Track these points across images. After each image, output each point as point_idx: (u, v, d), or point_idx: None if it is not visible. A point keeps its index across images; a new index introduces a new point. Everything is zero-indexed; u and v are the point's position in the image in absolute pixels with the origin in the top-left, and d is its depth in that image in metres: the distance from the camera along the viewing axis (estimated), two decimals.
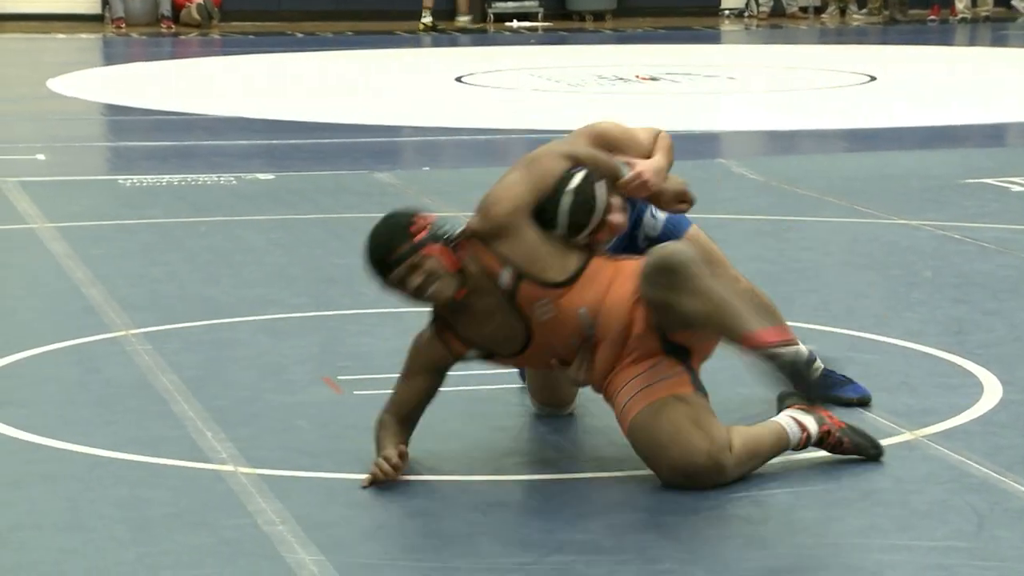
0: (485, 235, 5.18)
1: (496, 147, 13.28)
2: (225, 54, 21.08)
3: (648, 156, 5.43)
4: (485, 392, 5.95)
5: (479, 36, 23.86)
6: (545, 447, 5.55)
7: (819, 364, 5.63)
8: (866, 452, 5.21)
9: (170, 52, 21.50)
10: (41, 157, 11.80)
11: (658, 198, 5.45)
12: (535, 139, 13.38)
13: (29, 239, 8.78)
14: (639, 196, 5.42)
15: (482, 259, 5.15)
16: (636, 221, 5.62)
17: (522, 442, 5.61)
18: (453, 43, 22.87)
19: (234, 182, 10.65)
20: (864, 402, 5.74)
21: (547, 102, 15.94)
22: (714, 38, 24.35)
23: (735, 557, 4.56)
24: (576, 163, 5.31)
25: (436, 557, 4.58)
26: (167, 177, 10.76)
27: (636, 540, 4.68)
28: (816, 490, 5.06)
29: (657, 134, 5.52)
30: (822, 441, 5.17)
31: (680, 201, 5.47)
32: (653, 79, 17.63)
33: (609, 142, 5.45)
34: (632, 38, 23.47)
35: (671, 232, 5.64)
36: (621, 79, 17.60)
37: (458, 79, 17.71)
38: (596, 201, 5.22)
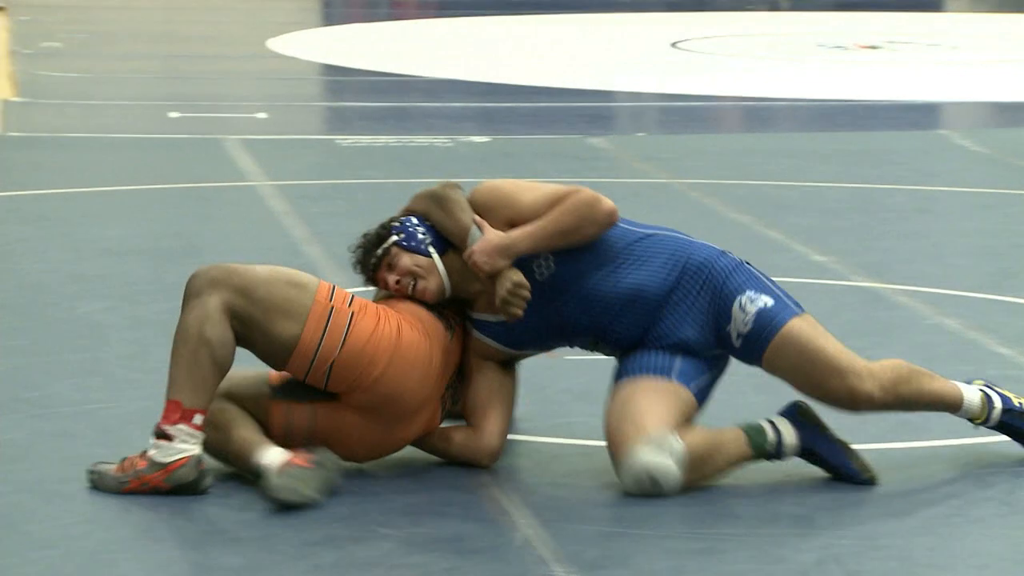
0: None
1: (711, 114, 13.20)
2: (441, 16, 21.19)
3: (531, 219, 4.78)
4: None
5: (697, 1, 23.71)
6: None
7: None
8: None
9: (387, 14, 21.68)
10: (262, 115, 11.96)
11: (497, 282, 4.76)
12: (750, 106, 13.33)
13: (250, 196, 8.90)
14: (479, 274, 4.77)
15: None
16: (725, 314, 4.80)
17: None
18: (670, 8, 22.75)
19: (450, 144, 10.71)
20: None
21: (764, 70, 15.80)
22: (937, 5, 23.94)
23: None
24: (407, 213, 4.95)
25: (651, 524, 4.58)
26: (383, 138, 10.86)
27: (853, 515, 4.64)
28: None
29: (563, 196, 4.77)
30: None
31: (506, 300, 4.74)
32: (873, 47, 17.40)
33: (481, 204, 4.84)
34: (853, 5, 23.16)
35: (761, 330, 4.74)
36: (840, 47, 17.40)
37: (674, 44, 17.62)
38: (371, 253, 4.91)
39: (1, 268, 7.13)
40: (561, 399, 5.66)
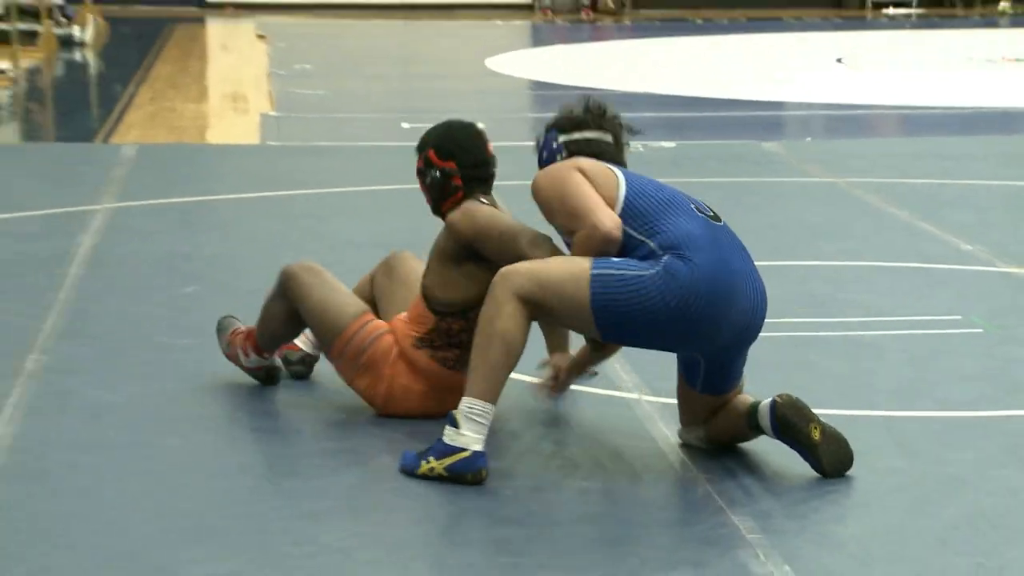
0: None
1: (871, 121, 13.02)
2: (635, 38, 21.15)
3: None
4: None
5: (858, 21, 23.38)
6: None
7: None
8: None
9: (588, 36, 21.67)
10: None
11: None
12: (906, 114, 13.13)
13: None
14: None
15: None
16: None
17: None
18: (835, 28, 22.46)
19: (641, 149, 10.70)
20: None
21: (918, 81, 15.55)
22: None
23: None
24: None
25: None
26: None
27: None
28: None
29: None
30: None
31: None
32: (1018, 60, 17.03)
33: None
34: (1000, 23, 22.66)
35: None
36: (988, 60, 17.05)
37: (839, 60, 17.41)
38: None
39: (262, 258, 7.27)
40: None
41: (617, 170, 4.73)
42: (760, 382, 5.45)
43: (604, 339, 4.60)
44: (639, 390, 5.37)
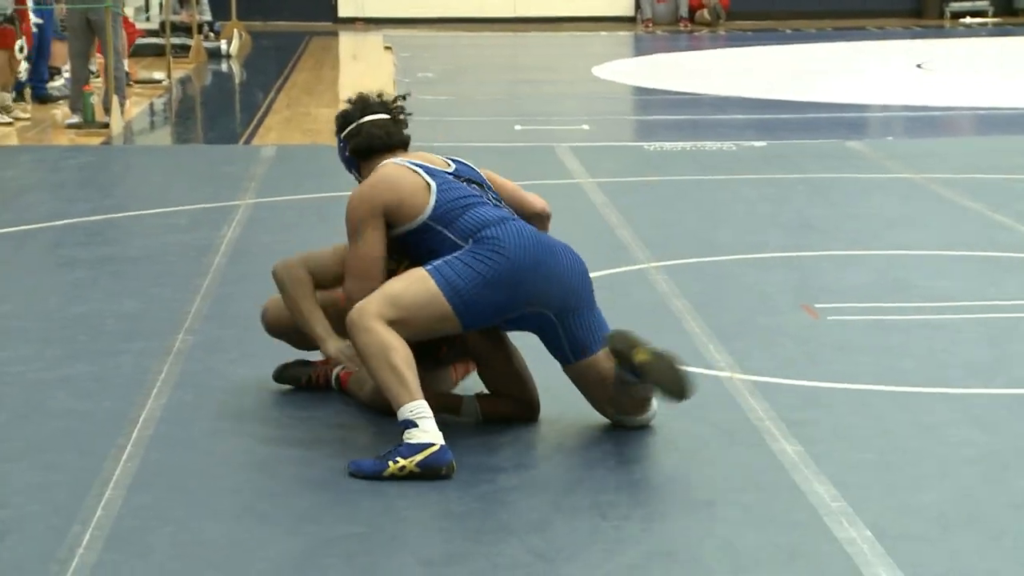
0: None
1: (946, 122, 12.81)
2: (729, 47, 20.97)
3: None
4: None
5: (937, 30, 23.02)
6: None
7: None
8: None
9: (686, 45, 21.51)
10: (586, 127, 12.01)
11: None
12: (981, 115, 12.90)
13: (576, 191, 8.95)
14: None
15: None
16: None
17: None
18: (915, 36, 22.13)
19: (734, 148, 10.61)
20: None
21: (993, 85, 15.27)
22: None
23: None
24: None
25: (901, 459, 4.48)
26: (681, 144, 10.80)
27: None
28: None
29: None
30: None
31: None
32: None
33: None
34: None
35: None
36: None
37: (918, 66, 17.15)
38: None
39: None
40: (823, 352, 5.57)
41: (429, 179, 4.70)
42: (848, 363, 5.38)
43: (465, 327, 4.54)
44: (731, 369, 5.31)
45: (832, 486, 4.22)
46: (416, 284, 4.50)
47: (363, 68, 18.16)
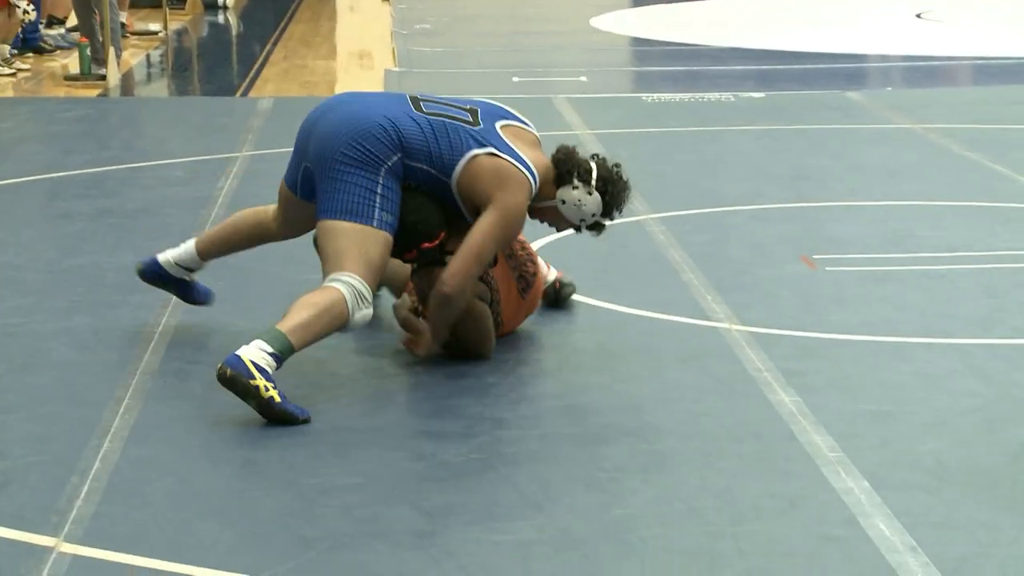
0: None
1: (947, 71, 12.76)
2: None
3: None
4: None
5: None
6: None
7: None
8: None
9: None
10: (584, 79, 11.95)
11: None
12: (980, 64, 12.84)
13: (573, 142, 8.88)
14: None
15: None
16: None
17: None
18: None
19: (732, 99, 10.57)
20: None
21: (993, 34, 15.21)
22: None
23: None
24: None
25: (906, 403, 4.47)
26: (679, 95, 10.76)
27: None
28: None
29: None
30: None
31: None
32: None
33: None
34: None
35: None
36: None
37: (918, 15, 17.06)
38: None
39: None
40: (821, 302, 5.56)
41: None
42: (846, 314, 5.37)
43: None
44: (729, 320, 5.30)
45: (830, 436, 4.23)
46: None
47: (360, 20, 18.07)
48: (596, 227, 4.90)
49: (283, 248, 5.92)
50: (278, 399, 4.28)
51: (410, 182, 4.67)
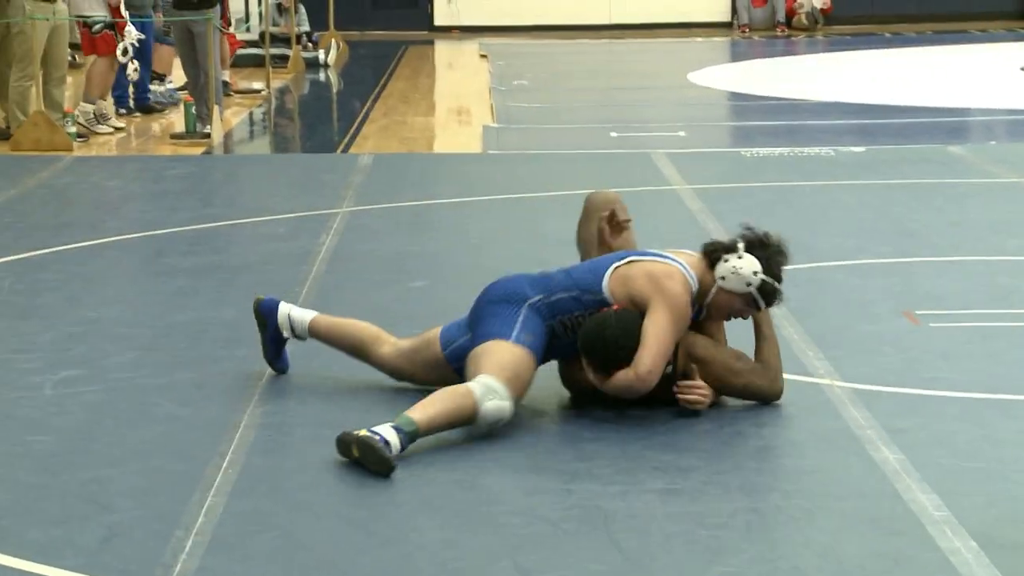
0: None
1: None
2: (827, 51, 20.79)
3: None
4: None
5: None
6: None
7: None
8: None
9: (783, 51, 21.35)
10: (682, 133, 11.96)
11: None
12: None
13: (673, 198, 8.92)
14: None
15: None
16: None
17: None
18: (1019, 39, 21.81)
19: (832, 154, 10.52)
20: None
21: None
22: None
23: None
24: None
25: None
26: (779, 150, 10.73)
27: None
28: None
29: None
30: None
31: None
32: None
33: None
34: None
35: None
36: None
37: (1022, 68, 16.89)
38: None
39: (482, 256, 7.30)
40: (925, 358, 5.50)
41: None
42: (951, 370, 5.31)
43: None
44: (830, 376, 5.26)
45: (935, 495, 4.17)
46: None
47: (459, 76, 18.23)
48: (768, 292, 4.90)
49: (383, 306, 5.98)
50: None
51: (560, 317, 4.87)
